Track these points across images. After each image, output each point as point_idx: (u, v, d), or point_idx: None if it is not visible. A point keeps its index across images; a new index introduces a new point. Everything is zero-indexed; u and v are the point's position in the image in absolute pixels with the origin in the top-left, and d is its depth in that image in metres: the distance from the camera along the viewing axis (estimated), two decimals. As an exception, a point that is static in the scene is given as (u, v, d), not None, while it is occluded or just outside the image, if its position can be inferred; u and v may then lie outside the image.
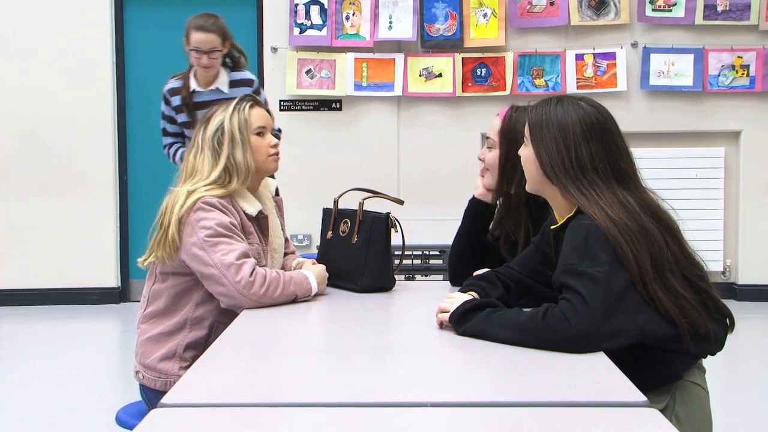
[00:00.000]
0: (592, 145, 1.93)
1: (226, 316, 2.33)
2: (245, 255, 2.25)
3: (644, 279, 1.80)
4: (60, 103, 6.08)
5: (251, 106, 2.44)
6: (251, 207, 2.41)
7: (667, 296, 1.83)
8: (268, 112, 2.53)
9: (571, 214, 1.93)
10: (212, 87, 3.99)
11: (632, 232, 1.83)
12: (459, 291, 2.05)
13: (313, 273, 2.37)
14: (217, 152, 2.39)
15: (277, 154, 2.47)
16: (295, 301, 2.29)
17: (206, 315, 2.35)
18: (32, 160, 6.14)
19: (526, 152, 2.01)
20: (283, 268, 2.56)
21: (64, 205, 6.15)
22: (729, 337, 1.99)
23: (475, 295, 1.99)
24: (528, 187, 2.05)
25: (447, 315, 1.94)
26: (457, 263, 2.50)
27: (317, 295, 2.37)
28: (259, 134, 2.43)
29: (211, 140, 2.40)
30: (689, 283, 1.89)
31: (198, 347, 2.34)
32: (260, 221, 2.45)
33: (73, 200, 6.15)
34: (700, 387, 1.98)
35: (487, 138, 2.43)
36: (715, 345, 1.95)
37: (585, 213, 1.86)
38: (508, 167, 2.33)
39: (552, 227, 2.01)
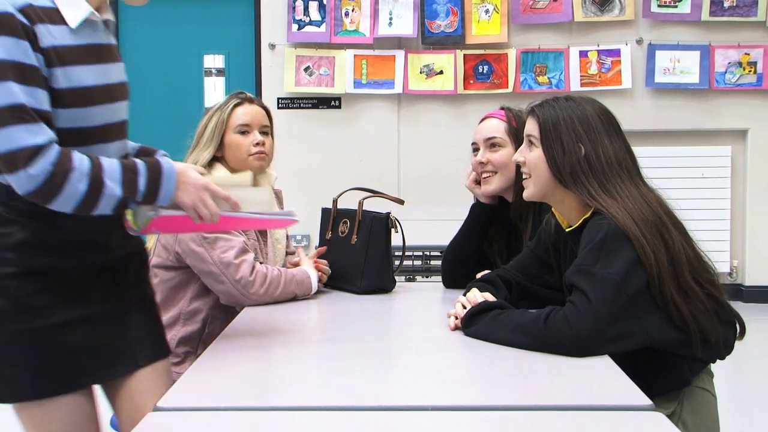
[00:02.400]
0: (613, 138, 1.90)
1: (219, 310, 2.35)
2: (244, 251, 2.25)
3: (662, 279, 1.77)
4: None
5: (237, 105, 2.44)
6: None
7: (681, 297, 1.80)
8: (265, 108, 2.51)
9: (588, 215, 1.88)
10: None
11: (653, 228, 1.80)
12: (464, 293, 2.02)
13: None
14: (198, 145, 2.43)
15: (261, 153, 2.43)
16: (294, 299, 2.31)
17: (201, 308, 2.35)
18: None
19: (535, 155, 1.93)
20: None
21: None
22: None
23: (489, 296, 1.96)
24: (532, 193, 1.97)
25: (460, 321, 1.92)
26: (454, 267, 2.48)
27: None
28: (242, 133, 2.42)
29: (197, 136, 2.45)
30: (701, 288, 1.86)
31: (191, 342, 2.35)
32: None
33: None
34: (709, 392, 1.96)
35: (490, 139, 2.36)
36: (725, 349, 1.93)
37: (604, 213, 1.79)
38: None
39: (567, 229, 1.95)
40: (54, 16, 1.66)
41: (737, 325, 1.94)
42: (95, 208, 1.63)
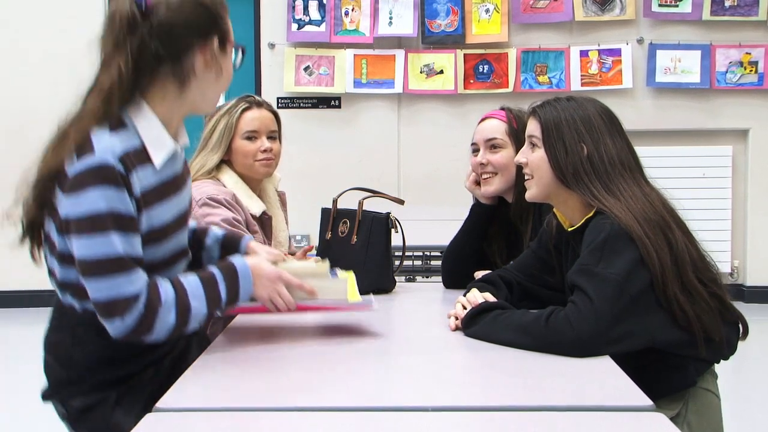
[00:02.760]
0: (615, 138, 1.90)
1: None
2: None
3: (665, 278, 1.76)
4: (48, 100, 5.92)
5: (245, 110, 2.46)
6: (255, 207, 2.44)
7: (685, 297, 1.79)
8: (273, 112, 2.55)
9: (590, 214, 1.87)
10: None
11: (656, 227, 1.79)
12: (464, 293, 2.01)
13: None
14: (205, 148, 2.47)
15: (267, 159, 2.47)
16: None
17: None
18: (20, 159, 5.98)
19: (537, 156, 1.92)
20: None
21: (57, 204, 6.05)
22: None
23: (489, 297, 1.95)
24: (535, 194, 1.96)
25: (461, 321, 1.91)
26: (454, 267, 2.48)
27: None
28: (249, 138, 2.42)
29: (204, 139, 2.48)
30: (704, 287, 1.85)
31: None
32: (264, 221, 2.48)
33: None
34: (713, 394, 1.96)
35: (490, 140, 2.35)
36: (728, 350, 1.92)
37: (606, 213, 1.79)
38: None
39: (569, 229, 1.94)
40: (142, 157, 1.66)
41: (740, 326, 1.94)
42: (186, 329, 1.68)
